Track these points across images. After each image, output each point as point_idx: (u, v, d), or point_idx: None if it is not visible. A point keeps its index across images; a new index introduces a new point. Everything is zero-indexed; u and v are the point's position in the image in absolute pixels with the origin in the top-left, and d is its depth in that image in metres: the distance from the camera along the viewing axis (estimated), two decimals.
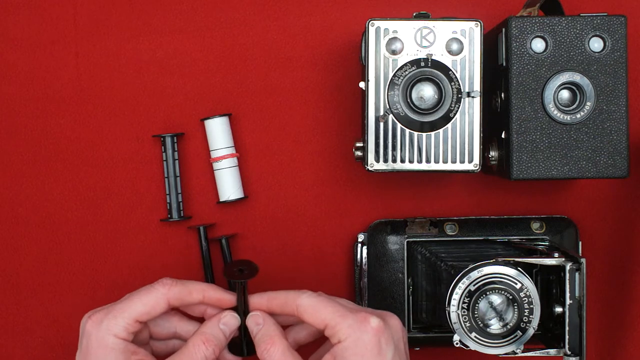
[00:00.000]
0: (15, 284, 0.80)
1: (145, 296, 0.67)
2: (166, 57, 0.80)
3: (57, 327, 0.80)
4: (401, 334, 0.67)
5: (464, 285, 0.67)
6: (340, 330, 0.65)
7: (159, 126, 0.80)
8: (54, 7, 0.80)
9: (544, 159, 0.69)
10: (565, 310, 0.66)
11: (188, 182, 0.80)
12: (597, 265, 0.80)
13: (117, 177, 0.80)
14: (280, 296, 0.68)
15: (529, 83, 0.68)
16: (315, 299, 0.67)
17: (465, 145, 0.69)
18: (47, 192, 0.80)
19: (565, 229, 0.77)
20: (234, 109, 0.80)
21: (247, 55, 0.80)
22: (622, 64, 0.68)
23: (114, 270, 0.80)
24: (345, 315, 0.65)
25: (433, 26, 0.69)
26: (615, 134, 0.68)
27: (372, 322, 0.65)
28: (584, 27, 0.68)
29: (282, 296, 0.68)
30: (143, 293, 0.68)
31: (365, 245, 0.78)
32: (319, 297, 0.67)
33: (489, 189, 0.80)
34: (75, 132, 0.80)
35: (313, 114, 0.80)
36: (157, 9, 0.80)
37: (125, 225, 0.80)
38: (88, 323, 0.67)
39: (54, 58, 0.80)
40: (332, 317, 0.65)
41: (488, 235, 0.77)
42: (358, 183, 0.80)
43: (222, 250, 0.79)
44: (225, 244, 0.79)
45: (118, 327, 0.66)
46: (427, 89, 0.69)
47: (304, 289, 0.70)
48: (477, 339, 0.67)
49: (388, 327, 0.65)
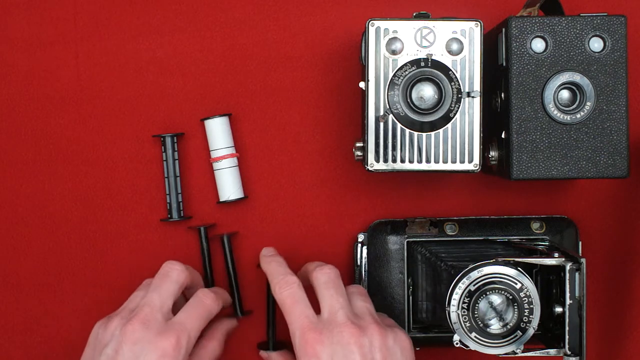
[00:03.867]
0: (15, 284, 0.80)
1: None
2: (166, 57, 0.80)
3: (57, 327, 0.80)
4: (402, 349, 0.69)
5: (464, 285, 0.67)
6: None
7: (159, 126, 0.80)
8: (54, 7, 0.80)
9: (544, 159, 0.69)
10: (565, 310, 0.66)
11: (188, 182, 0.80)
12: (597, 265, 0.80)
13: (117, 177, 0.80)
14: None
15: (529, 83, 0.68)
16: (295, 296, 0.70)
17: (465, 145, 0.69)
18: (47, 192, 0.80)
19: (565, 229, 0.77)
20: (234, 109, 0.80)
21: (247, 55, 0.80)
22: (622, 64, 0.68)
23: (114, 270, 0.80)
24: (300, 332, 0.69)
25: (433, 26, 0.69)
26: (615, 134, 0.68)
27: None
28: (584, 27, 0.68)
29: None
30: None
31: (365, 245, 0.78)
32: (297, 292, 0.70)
33: (489, 189, 0.80)
34: (75, 132, 0.80)
35: (313, 114, 0.80)
36: (157, 9, 0.80)
37: (125, 225, 0.80)
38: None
39: (54, 58, 0.80)
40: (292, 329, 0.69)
41: (488, 235, 0.77)
42: (358, 183, 0.80)
43: (222, 248, 0.79)
44: (226, 241, 0.79)
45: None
46: (427, 89, 0.69)
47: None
48: (477, 339, 0.67)
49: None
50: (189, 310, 0.71)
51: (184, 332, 0.69)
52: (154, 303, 0.70)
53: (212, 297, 0.73)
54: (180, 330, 0.69)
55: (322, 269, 0.71)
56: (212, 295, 0.73)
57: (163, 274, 0.73)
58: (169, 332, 0.68)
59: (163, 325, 0.69)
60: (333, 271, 0.71)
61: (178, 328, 0.69)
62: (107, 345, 0.68)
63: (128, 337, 0.68)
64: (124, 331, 0.68)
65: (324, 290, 0.70)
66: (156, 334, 0.68)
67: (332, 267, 0.72)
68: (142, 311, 0.69)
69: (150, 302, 0.70)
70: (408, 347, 0.69)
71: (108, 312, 0.78)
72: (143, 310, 0.69)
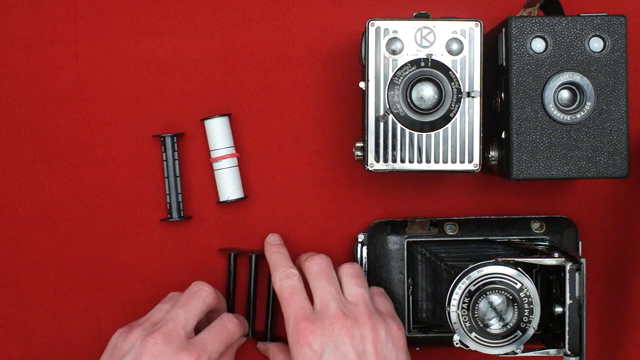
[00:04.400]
0: (15, 284, 0.80)
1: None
2: (166, 57, 0.80)
3: (57, 327, 0.80)
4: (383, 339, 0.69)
5: (464, 285, 0.67)
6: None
7: (159, 126, 0.80)
8: (54, 7, 0.80)
9: (544, 159, 0.69)
10: (565, 310, 0.66)
11: (188, 182, 0.80)
12: (597, 265, 0.80)
13: (117, 177, 0.80)
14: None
15: (529, 83, 0.68)
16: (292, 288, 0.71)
17: (465, 145, 0.69)
18: (47, 192, 0.80)
19: (565, 229, 0.77)
20: (234, 109, 0.80)
21: (247, 55, 0.80)
22: (622, 64, 0.68)
23: (114, 270, 0.80)
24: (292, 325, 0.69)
25: (433, 26, 0.69)
26: (615, 134, 0.68)
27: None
28: (584, 27, 0.68)
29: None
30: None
31: (365, 245, 0.78)
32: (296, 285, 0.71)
33: (489, 189, 0.80)
34: (75, 132, 0.80)
35: (313, 114, 0.80)
36: (157, 9, 0.80)
37: (125, 225, 0.80)
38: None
39: (54, 58, 0.80)
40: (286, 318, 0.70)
41: (488, 235, 0.77)
42: (358, 183, 0.80)
43: (249, 268, 0.79)
44: (254, 261, 0.79)
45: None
46: (427, 89, 0.69)
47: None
48: (477, 339, 0.67)
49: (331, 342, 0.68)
50: (212, 332, 0.71)
51: (205, 352, 0.69)
52: (178, 319, 0.70)
53: (237, 324, 0.73)
54: (202, 350, 0.69)
55: (313, 259, 0.72)
56: (237, 321, 0.73)
57: (192, 293, 0.73)
58: (190, 350, 0.68)
59: (185, 343, 0.69)
60: (324, 260, 0.72)
61: (200, 347, 0.69)
62: (126, 355, 0.68)
63: (149, 350, 0.68)
64: (145, 343, 0.68)
65: (316, 280, 0.71)
66: (177, 350, 0.68)
67: (323, 257, 0.72)
68: (165, 326, 0.69)
69: (175, 317, 0.70)
70: (400, 337, 0.70)
71: (108, 312, 0.79)
72: (167, 325, 0.69)
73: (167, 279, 0.80)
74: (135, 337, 0.69)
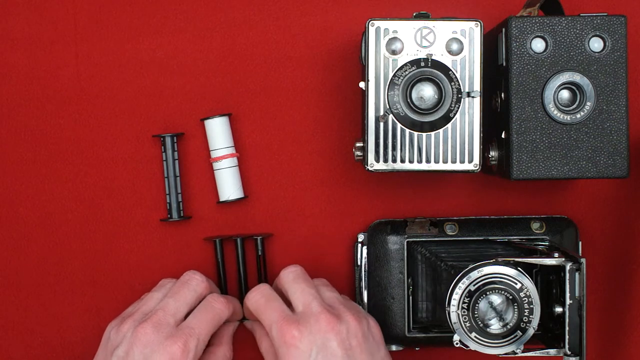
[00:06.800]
0: (15, 284, 0.80)
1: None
2: (166, 57, 0.80)
3: (57, 327, 0.80)
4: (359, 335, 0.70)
5: (464, 285, 0.67)
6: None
7: (159, 126, 0.80)
8: (54, 7, 0.80)
9: (544, 159, 0.69)
10: (565, 310, 0.66)
11: (188, 182, 0.80)
12: (597, 265, 0.80)
13: (117, 177, 0.80)
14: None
15: (529, 83, 0.68)
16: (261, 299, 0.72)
17: (465, 145, 0.69)
18: (47, 192, 0.80)
19: (565, 229, 0.77)
20: (234, 109, 0.80)
21: (247, 55, 0.80)
22: (622, 64, 0.68)
23: (114, 270, 0.80)
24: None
25: (433, 26, 0.69)
26: (615, 134, 0.68)
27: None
28: (584, 27, 0.68)
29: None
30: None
31: (365, 245, 0.78)
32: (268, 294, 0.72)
33: (489, 189, 0.80)
34: (75, 132, 0.80)
35: (313, 114, 0.80)
36: (157, 9, 0.80)
37: (125, 225, 0.80)
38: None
39: (54, 58, 0.80)
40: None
41: (488, 235, 0.77)
42: (358, 183, 0.80)
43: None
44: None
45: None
46: (427, 89, 0.69)
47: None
48: (477, 339, 0.67)
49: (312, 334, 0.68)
50: (198, 314, 0.72)
51: (193, 336, 0.69)
52: (168, 308, 0.71)
53: (223, 302, 0.73)
54: (189, 334, 0.69)
55: (287, 268, 0.74)
56: (223, 299, 0.73)
57: (183, 282, 0.74)
58: (177, 336, 0.69)
59: (173, 329, 0.69)
60: (298, 268, 0.74)
61: (187, 332, 0.69)
62: (118, 347, 0.69)
63: (139, 339, 0.68)
64: (135, 333, 0.68)
65: (294, 285, 0.72)
66: (166, 337, 0.69)
67: (296, 265, 0.74)
68: (155, 315, 0.70)
69: (164, 306, 0.71)
70: (379, 334, 0.72)
71: (108, 312, 0.79)
72: (156, 315, 0.70)
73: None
74: (126, 328, 0.70)
